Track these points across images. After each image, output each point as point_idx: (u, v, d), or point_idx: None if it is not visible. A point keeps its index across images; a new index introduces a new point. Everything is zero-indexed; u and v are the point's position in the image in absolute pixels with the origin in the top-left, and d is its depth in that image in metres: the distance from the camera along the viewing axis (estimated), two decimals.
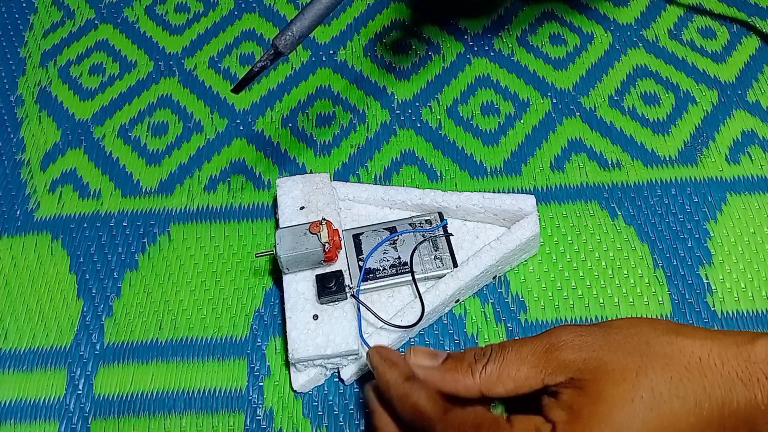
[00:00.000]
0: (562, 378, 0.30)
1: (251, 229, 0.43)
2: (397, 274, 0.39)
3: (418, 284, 0.38)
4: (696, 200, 0.43)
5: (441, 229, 0.40)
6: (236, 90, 0.37)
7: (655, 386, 0.29)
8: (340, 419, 0.37)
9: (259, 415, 0.37)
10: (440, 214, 0.41)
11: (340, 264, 0.38)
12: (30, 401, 0.38)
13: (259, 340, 0.39)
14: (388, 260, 0.39)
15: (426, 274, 0.39)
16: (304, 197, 0.41)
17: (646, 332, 0.31)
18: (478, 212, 0.40)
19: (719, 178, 0.44)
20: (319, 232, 0.37)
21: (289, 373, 0.38)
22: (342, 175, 0.45)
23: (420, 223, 0.40)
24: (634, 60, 0.49)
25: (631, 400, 0.29)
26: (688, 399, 0.29)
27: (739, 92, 0.47)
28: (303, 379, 0.37)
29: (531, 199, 0.40)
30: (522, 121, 0.47)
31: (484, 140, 0.46)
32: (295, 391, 0.37)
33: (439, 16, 0.52)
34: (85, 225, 0.44)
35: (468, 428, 0.29)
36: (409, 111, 0.48)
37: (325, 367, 0.37)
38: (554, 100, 0.48)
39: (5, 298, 0.41)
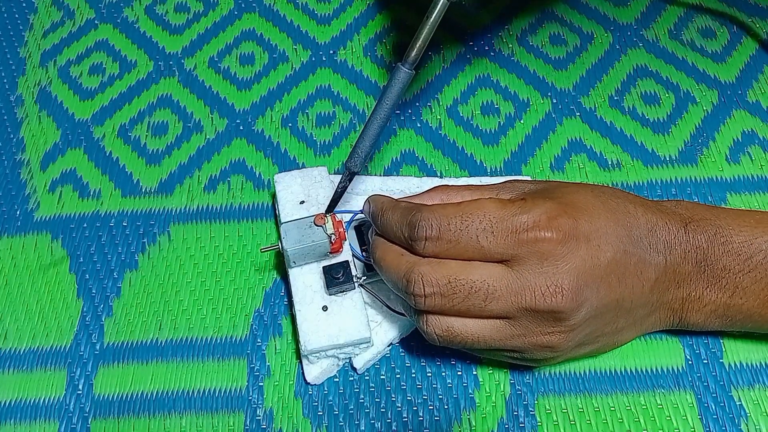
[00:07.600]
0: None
1: (251, 229, 0.43)
2: None
3: None
4: (696, 200, 0.43)
5: None
6: (328, 211, 0.38)
7: (579, 186, 0.35)
8: (340, 419, 0.37)
9: (259, 415, 0.37)
10: None
11: (345, 256, 0.38)
12: (30, 401, 0.38)
13: (259, 340, 0.39)
14: None
15: None
16: (304, 191, 0.41)
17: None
18: None
19: (719, 178, 0.44)
20: (324, 224, 0.37)
21: (301, 367, 0.38)
22: None
23: None
24: (634, 60, 0.49)
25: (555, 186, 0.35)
26: (597, 199, 0.34)
27: (739, 92, 0.47)
28: (316, 371, 0.37)
29: (527, 180, 0.40)
30: (522, 121, 0.47)
31: (484, 140, 0.46)
32: (308, 384, 0.37)
33: None
34: (85, 225, 0.44)
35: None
36: (409, 111, 0.48)
37: (337, 357, 0.37)
38: (554, 100, 0.48)
39: (5, 298, 0.41)
